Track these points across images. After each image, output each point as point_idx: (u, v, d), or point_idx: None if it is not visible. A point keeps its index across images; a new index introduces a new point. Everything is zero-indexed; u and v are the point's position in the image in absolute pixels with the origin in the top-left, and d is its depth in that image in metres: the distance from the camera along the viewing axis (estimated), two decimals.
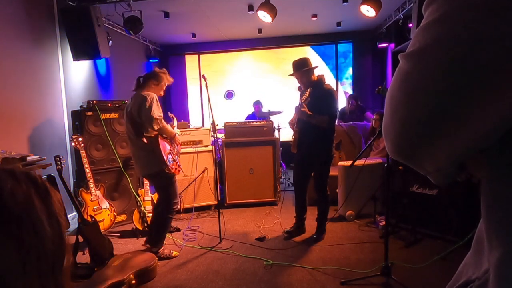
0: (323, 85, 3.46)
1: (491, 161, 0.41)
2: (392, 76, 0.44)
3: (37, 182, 0.55)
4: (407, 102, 0.41)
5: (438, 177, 0.44)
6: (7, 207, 0.49)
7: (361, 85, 7.92)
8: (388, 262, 2.70)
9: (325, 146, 3.47)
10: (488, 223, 0.42)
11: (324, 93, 3.39)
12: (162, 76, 3.22)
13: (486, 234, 0.42)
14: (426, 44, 0.39)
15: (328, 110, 3.37)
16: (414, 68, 0.40)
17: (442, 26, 0.38)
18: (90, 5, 4.42)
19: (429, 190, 3.47)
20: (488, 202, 0.42)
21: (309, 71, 3.48)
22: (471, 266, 0.47)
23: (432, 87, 0.38)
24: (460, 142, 0.39)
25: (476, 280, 0.44)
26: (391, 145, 0.45)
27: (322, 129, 3.38)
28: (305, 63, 3.48)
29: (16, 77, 3.66)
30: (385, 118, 0.45)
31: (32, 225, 0.51)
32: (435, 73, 0.38)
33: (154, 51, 7.56)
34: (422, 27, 0.41)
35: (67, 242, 0.58)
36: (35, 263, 0.51)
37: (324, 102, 3.36)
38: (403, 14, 5.52)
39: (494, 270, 0.39)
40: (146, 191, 4.06)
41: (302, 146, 3.52)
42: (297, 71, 3.49)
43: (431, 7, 0.40)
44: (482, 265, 0.44)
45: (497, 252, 0.39)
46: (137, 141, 3.15)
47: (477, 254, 0.46)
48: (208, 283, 2.85)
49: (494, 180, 0.41)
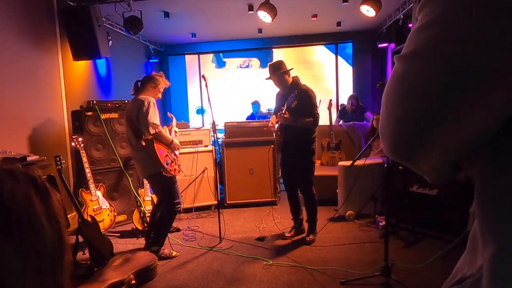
0: (301, 86, 3.50)
1: (483, 160, 0.42)
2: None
3: (37, 182, 0.55)
4: (402, 103, 0.42)
5: (433, 176, 0.46)
6: (6, 207, 0.49)
7: (361, 85, 7.91)
8: (388, 262, 2.70)
9: (306, 145, 3.50)
10: (481, 221, 0.43)
11: (303, 96, 3.41)
12: (159, 79, 3.27)
13: (480, 232, 0.43)
14: (420, 45, 0.40)
15: (311, 111, 3.41)
16: (408, 69, 0.41)
17: (435, 28, 0.39)
18: (90, 5, 4.41)
19: (429, 190, 3.47)
20: (481, 202, 0.43)
21: (285, 74, 3.50)
22: (466, 263, 0.48)
23: (426, 87, 0.39)
24: (452, 141, 0.40)
25: (471, 276, 0.45)
26: (387, 145, 0.46)
27: (302, 130, 3.43)
28: (281, 65, 3.51)
29: (16, 77, 3.66)
30: (381, 119, 0.46)
31: (32, 225, 0.51)
32: (429, 73, 0.39)
33: (154, 51, 7.55)
34: (416, 29, 0.42)
35: (66, 242, 0.58)
36: (35, 263, 0.50)
37: (306, 105, 3.41)
38: (403, 14, 5.52)
39: (488, 266, 0.40)
40: (146, 191, 4.07)
41: (287, 147, 3.55)
42: (273, 74, 3.50)
43: (424, 10, 0.41)
44: (477, 262, 0.44)
45: (490, 249, 0.40)
46: (136, 144, 3.19)
47: (472, 252, 0.47)
48: (208, 283, 2.85)
49: (486, 179, 0.42)
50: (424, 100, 0.39)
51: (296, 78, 3.57)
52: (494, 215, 0.41)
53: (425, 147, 0.42)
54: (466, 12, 0.37)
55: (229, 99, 8.24)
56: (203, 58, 8.37)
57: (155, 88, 3.25)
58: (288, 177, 3.75)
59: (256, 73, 8.20)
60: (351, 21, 6.78)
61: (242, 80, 8.28)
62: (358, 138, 5.33)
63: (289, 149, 3.54)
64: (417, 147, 0.43)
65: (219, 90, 8.13)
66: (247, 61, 8.28)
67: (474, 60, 0.36)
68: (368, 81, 7.89)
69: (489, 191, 0.42)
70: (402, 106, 0.42)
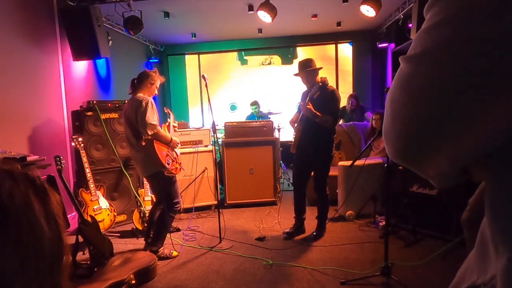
0: (327, 86, 3.52)
1: (495, 164, 0.40)
2: (392, 77, 0.44)
3: (36, 183, 0.55)
4: (409, 106, 0.40)
5: (440, 180, 0.44)
6: (5, 207, 0.49)
7: (361, 85, 7.92)
8: (388, 262, 2.70)
9: (326, 146, 3.50)
10: (493, 228, 0.41)
11: (328, 94, 3.44)
12: (154, 76, 3.28)
13: (492, 239, 0.41)
14: (428, 46, 0.39)
15: (332, 111, 3.42)
16: (416, 71, 0.39)
17: (444, 29, 0.38)
18: (90, 5, 4.42)
19: (429, 190, 3.47)
20: (492, 207, 0.41)
21: (314, 72, 3.52)
22: (474, 269, 0.46)
23: (435, 89, 0.38)
24: (464, 146, 0.38)
25: (482, 285, 0.43)
26: (392, 149, 0.44)
27: (323, 129, 3.42)
28: (310, 63, 3.53)
29: (16, 77, 3.66)
30: (385, 122, 0.44)
31: (30, 226, 0.51)
32: (438, 75, 0.37)
33: (154, 51, 7.56)
34: (424, 29, 0.40)
35: (65, 243, 0.57)
36: (33, 264, 0.50)
37: (328, 102, 3.42)
38: (403, 14, 5.52)
39: (501, 276, 0.38)
40: (146, 191, 4.06)
41: (302, 145, 3.54)
42: (302, 70, 3.52)
43: (432, 10, 0.40)
44: (488, 270, 0.42)
45: (503, 258, 0.38)
46: (136, 143, 3.19)
47: (482, 257, 0.45)
48: (208, 283, 2.85)
49: (498, 184, 0.40)
50: (433, 103, 0.38)
51: (324, 79, 3.56)
52: (508, 222, 0.39)
53: (433, 152, 0.40)
54: (476, 13, 0.35)
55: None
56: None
57: (152, 85, 3.27)
58: (298, 176, 3.72)
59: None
60: (351, 21, 6.78)
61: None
62: (358, 138, 5.33)
63: (305, 149, 3.53)
64: (424, 151, 0.41)
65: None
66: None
67: (489, 61, 0.35)
68: (368, 81, 7.89)
69: (503, 197, 0.39)
70: (409, 109, 0.40)
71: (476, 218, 1.51)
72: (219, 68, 8.34)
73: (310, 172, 3.64)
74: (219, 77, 8.28)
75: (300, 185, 3.72)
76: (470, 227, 2.08)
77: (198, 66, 8.42)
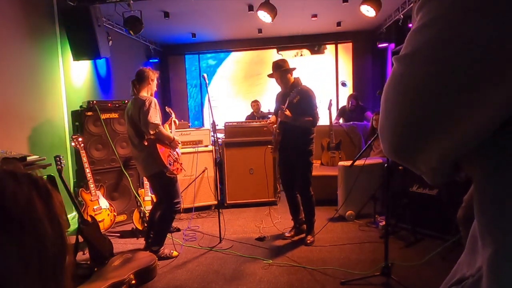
0: (301, 86, 3.52)
1: (483, 160, 0.42)
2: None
3: (39, 184, 0.55)
4: (400, 104, 0.42)
5: (432, 176, 0.46)
6: (8, 209, 0.49)
7: (361, 85, 7.92)
8: (388, 262, 2.70)
9: (307, 146, 3.50)
10: (480, 221, 0.43)
11: (304, 94, 3.43)
12: (150, 73, 3.31)
13: (479, 232, 0.43)
14: (418, 46, 0.40)
15: (310, 111, 3.42)
16: (406, 70, 0.41)
17: (433, 29, 0.39)
18: (90, 5, 4.41)
19: (429, 190, 3.47)
20: (480, 201, 0.43)
21: (287, 72, 3.52)
22: (465, 264, 0.48)
23: (424, 88, 0.39)
24: (450, 142, 0.40)
25: (470, 277, 0.45)
26: (387, 146, 0.47)
27: (302, 129, 3.43)
28: (284, 63, 3.54)
29: (16, 77, 3.66)
30: (380, 119, 0.46)
31: (34, 227, 0.51)
32: (427, 74, 0.39)
33: (154, 51, 7.55)
34: (414, 30, 0.42)
35: (68, 243, 0.58)
36: (37, 265, 0.51)
37: (308, 105, 3.42)
38: (403, 14, 5.52)
39: (487, 266, 0.40)
40: (146, 191, 4.06)
41: (285, 147, 3.54)
42: (276, 71, 3.52)
43: (423, 10, 0.41)
44: (476, 262, 0.44)
45: (489, 249, 0.40)
46: (139, 143, 3.20)
47: (471, 252, 0.47)
48: (208, 283, 2.85)
49: (485, 179, 0.42)
50: (422, 102, 0.40)
51: (297, 79, 3.58)
52: (493, 215, 0.41)
53: (423, 147, 0.42)
54: (464, 13, 0.37)
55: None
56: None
57: (152, 81, 3.31)
58: (286, 177, 3.74)
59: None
60: (351, 21, 6.78)
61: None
62: (358, 138, 5.33)
63: (287, 150, 3.53)
64: (415, 147, 0.43)
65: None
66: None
67: (473, 61, 0.36)
68: (368, 81, 7.89)
69: (489, 191, 0.41)
70: (401, 107, 0.42)
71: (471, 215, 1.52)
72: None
73: (295, 173, 3.63)
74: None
75: (289, 187, 3.73)
76: (465, 225, 2.08)
77: (198, 66, 8.42)
